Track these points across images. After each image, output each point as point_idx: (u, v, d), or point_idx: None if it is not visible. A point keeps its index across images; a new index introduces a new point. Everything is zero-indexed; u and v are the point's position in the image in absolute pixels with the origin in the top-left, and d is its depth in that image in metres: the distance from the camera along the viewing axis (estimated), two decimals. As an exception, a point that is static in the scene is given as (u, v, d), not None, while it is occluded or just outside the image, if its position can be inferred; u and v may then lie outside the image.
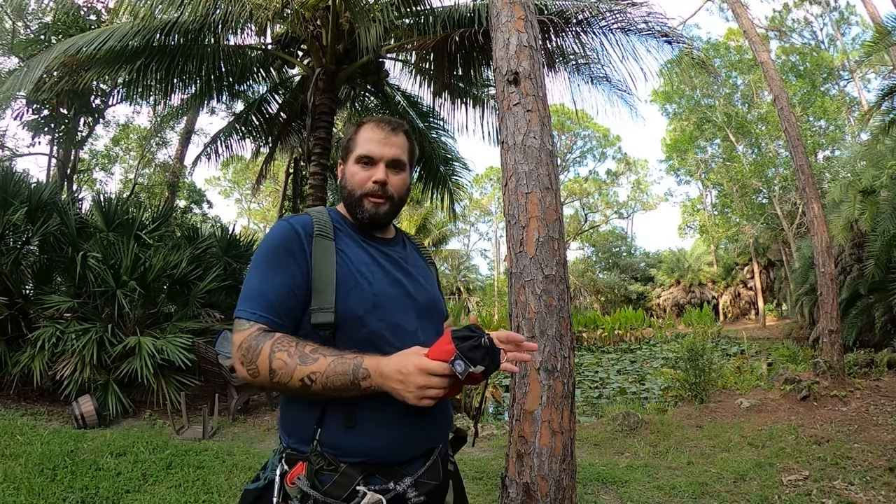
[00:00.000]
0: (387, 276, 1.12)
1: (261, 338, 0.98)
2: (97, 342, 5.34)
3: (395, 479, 1.02)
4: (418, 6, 6.64)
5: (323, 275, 1.04)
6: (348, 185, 1.17)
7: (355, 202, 1.16)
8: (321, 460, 0.99)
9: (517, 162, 2.48)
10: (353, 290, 1.05)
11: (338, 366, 0.93)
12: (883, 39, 8.63)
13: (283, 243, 1.06)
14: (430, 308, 1.19)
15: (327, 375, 0.93)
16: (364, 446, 1.01)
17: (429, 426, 1.11)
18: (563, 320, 2.35)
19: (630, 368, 12.45)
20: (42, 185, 6.56)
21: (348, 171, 1.18)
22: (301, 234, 1.07)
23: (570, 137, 31.65)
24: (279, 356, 0.95)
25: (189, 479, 3.49)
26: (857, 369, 7.24)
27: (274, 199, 25.21)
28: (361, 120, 1.24)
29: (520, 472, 2.23)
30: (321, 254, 1.06)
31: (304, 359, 0.94)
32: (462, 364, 0.87)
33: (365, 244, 1.16)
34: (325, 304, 1.02)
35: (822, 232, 6.65)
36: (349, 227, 1.18)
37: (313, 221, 1.10)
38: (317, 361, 0.94)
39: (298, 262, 1.05)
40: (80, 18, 9.79)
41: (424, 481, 1.06)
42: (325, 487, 0.97)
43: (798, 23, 22.95)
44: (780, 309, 25.50)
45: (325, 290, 1.03)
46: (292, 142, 9.89)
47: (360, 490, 0.96)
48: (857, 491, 3.38)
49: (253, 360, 0.96)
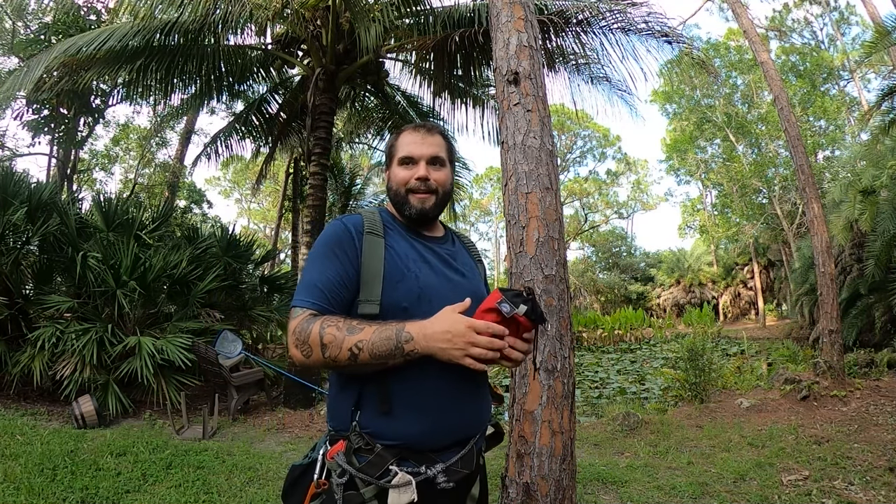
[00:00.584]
0: (433, 271, 1.19)
1: (311, 320, 1.05)
2: (97, 342, 5.34)
3: (428, 464, 1.07)
4: (418, 6, 6.64)
5: (371, 268, 1.11)
6: (393, 185, 1.25)
7: (402, 200, 1.23)
8: (359, 440, 1.06)
9: (517, 162, 2.48)
10: (399, 283, 1.11)
11: (382, 331, 1.00)
12: (883, 39, 8.63)
13: (335, 240, 1.14)
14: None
15: (373, 342, 0.99)
16: (399, 432, 1.07)
17: (466, 415, 1.15)
18: (563, 320, 2.35)
19: (630, 368, 12.44)
20: (42, 185, 6.56)
21: (392, 174, 1.26)
22: (352, 231, 1.14)
23: (570, 137, 31.64)
24: (329, 331, 1.02)
25: (189, 479, 3.49)
26: (857, 369, 7.24)
27: (274, 199, 25.20)
28: (400, 128, 1.33)
29: (520, 472, 2.23)
30: (370, 249, 1.13)
31: (352, 329, 1.01)
32: (508, 305, 0.96)
33: (413, 241, 1.23)
34: (372, 297, 1.09)
35: (822, 232, 6.65)
36: (399, 225, 1.25)
37: (364, 220, 1.18)
38: (363, 330, 1.00)
39: (350, 257, 1.12)
40: (80, 18, 9.80)
41: (457, 469, 1.11)
42: (361, 465, 1.04)
43: (798, 23, 22.96)
44: (780, 309, 25.49)
45: (373, 283, 1.10)
46: (292, 142, 9.89)
47: (393, 469, 1.03)
48: (857, 491, 3.38)
49: (305, 339, 1.03)
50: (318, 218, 7.07)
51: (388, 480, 1.02)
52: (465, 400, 1.14)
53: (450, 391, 1.10)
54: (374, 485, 1.02)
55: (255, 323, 8.03)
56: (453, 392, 1.11)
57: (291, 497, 1.15)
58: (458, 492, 1.13)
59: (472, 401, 1.17)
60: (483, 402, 1.22)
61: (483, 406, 1.22)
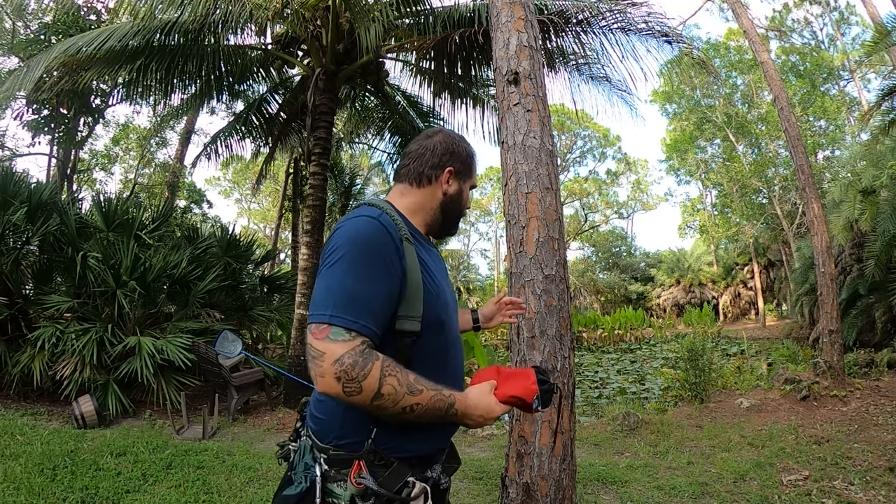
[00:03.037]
0: (445, 281, 1.17)
1: (368, 356, 0.92)
2: (97, 342, 5.34)
3: (430, 468, 1.10)
4: (418, 6, 6.64)
5: (413, 282, 1.01)
6: (461, 205, 1.24)
7: (455, 219, 1.25)
8: (373, 457, 1.00)
9: (517, 162, 2.48)
10: (436, 297, 1.07)
11: (436, 402, 0.97)
12: (883, 39, 8.63)
13: (380, 246, 0.99)
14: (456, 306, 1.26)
15: (426, 408, 0.96)
16: (416, 444, 1.06)
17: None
18: (563, 320, 2.35)
19: (630, 368, 12.44)
20: (42, 185, 6.56)
21: (465, 193, 1.25)
22: (395, 238, 1.01)
23: (570, 137, 31.63)
24: (389, 381, 0.92)
25: (189, 479, 3.49)
26: (857, 369, 7.24)
27: (274, 199, 25.21)
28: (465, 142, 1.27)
29: (520, 472, 2.23)
30: (411, 261, 1.02)
31: (412, 388, 0.94)
32: (539, 404, 1.06)
33: (431, 249, 1.19)
34: (414, 313, 1.00)
35: (822, 232, 6.65)
36: (416, 232, 1.15)
37: (395, 223, 1.04)
38: (421, 394, 0.95)
39: (396, 269, 0.99)
40: (80, 18, 9.79)
41: (449, 465, 1.17)
42: (380, 480, 0.99)
43: (798, 23, 22.94)
44: (780, 309, 25.48)
45: (415, 298, 1.01)
46: (292, 142, 9.89)
47: (411, 481, 1.01)
48: (857, 491, 3.38)
49: (359, 378, 0.90)
50: (318, 218, 7.06)
51: (409, 493, 1.00)
52: None
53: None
54: (398, 500, 0.98)
55: (255, 323, 8.04)
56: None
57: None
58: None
59: None
60: None
61: None
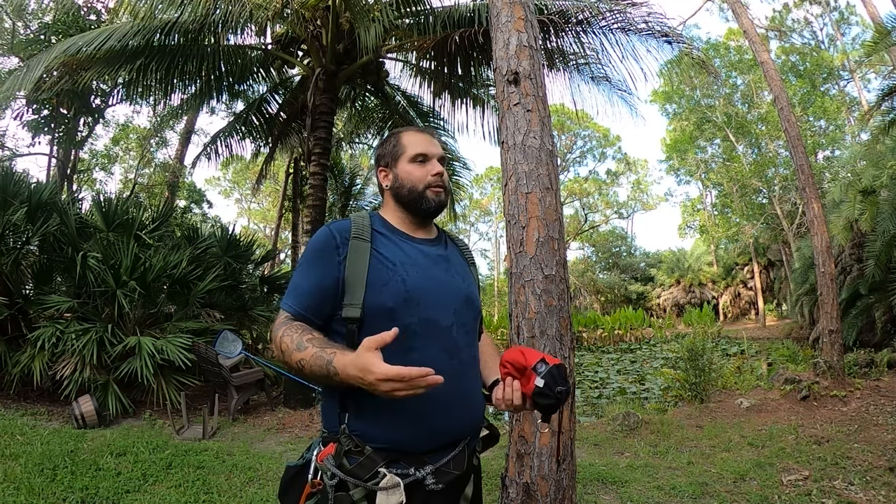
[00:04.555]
0: (423, 273, 1.18)
1: (283, 324, 1.12)
2: (97, 342, 5.34)
3: (417, 466, 1.09)
4: (418, 6, 6.63)
5: (355, 273, 1.13)
6: (407, 183, 1.26)
7: (418, 196, 1.25)
8: (349, 442, 1.08)
9: (517, 162, 2.48)
10: (385, 286, 1.12)
11: (318, 357, 1.01)
12: (883, 39, 8.63)
13: (320, 246, 1.17)
14: (466, 304, 1.25)
15: (311, 364, 1.02)
16: (386, 435, 1.08)
17: (455, 418, 1.15)
18: (563, 320, 2.35)
19: (630, 368, 12.45)
20: (42, 185, 6.55)
21: (403, 172, 1.27)
22: (337, 238, 1.17)
23: (570, 137, 31.63)
24: (286, 340, 1.08)
25: (189, 479, 3.49)
26: (857, 369, 7.24)
27: (274, 199, 25.20)
28: (396, 130, 1.35)
29: (520, 472, 2.23)
30: (354, 255, 1.15)
31: (300, 346, 1.05)
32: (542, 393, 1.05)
33: (405, 243, 1.23)
34: (354, 301, 1.11)
35: (822, 232, 6.65)
36: (388, 230, 1.25)
37: (352, 225, 1.20)
38: (306, 350, 1.03)
39: (332, 263, 1.15)
40: (80, 18, 9.79)
41: (447, 470, 1.12)
42: (351, 467, 1.05)
43: (798, 23, 22.96)
44: (780, 309, 25.48)
45: (355, 288, 1.11)
46: (292, 142, 9.88)
47: (381, 472, 1.05)
48: (857, 491, 3.38)
49: (274, 338, 1.12)
50: (318, 218, 7.06)
51: (377, 483, 1.03)
52: (453, 402, 1.13)
53: (436, 394, 0.99)
54: (363, 487, 1.04)
55: (255, 323, 8.02)
56: (440, 395, 1.02)
57: (287, 497, 1.17)
58: (449, 492, 1.14)
59: (462, 403, 1.17)
60: (474, 403, 1.22)
61: (475, 407, 1.22)
